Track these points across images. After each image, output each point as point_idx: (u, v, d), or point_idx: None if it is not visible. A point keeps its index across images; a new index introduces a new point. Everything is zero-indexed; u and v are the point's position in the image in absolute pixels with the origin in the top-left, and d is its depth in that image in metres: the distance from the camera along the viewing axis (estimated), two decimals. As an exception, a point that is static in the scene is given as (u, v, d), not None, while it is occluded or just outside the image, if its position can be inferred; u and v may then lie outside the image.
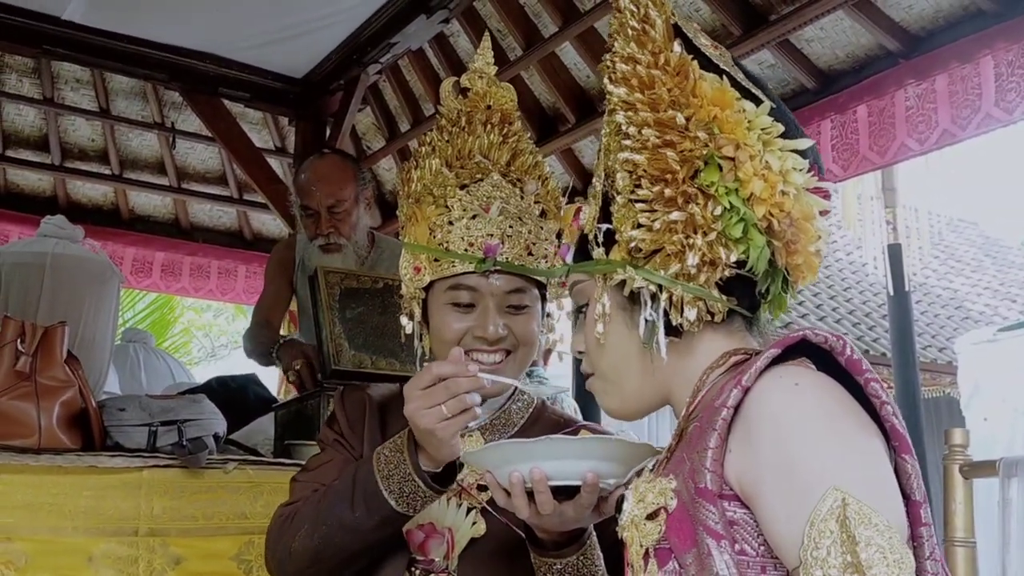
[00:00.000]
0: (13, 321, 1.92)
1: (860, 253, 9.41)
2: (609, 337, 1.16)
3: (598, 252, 1.17)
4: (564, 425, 1.58)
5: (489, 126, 1.59)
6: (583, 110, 4.12)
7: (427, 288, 1.54)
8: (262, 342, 3.02)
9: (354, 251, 2.97)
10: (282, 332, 4.33)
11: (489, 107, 1.62)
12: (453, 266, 1.49)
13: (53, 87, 4.72)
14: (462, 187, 1.53)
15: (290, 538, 1.43)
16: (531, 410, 1.61)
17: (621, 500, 1.15)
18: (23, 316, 2.10)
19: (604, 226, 1.16)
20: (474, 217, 1.51)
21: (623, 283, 1.12)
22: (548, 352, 4.62)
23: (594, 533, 1.36)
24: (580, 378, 4.76)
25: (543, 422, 1.59)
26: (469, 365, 1.32)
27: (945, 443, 1.85)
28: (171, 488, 1.94)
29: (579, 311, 1.24)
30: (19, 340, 1.89)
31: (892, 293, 6.92)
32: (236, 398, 2.79)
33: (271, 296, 3.25)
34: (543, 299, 1.58)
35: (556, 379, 5.36)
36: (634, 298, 1.13)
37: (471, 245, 1.49)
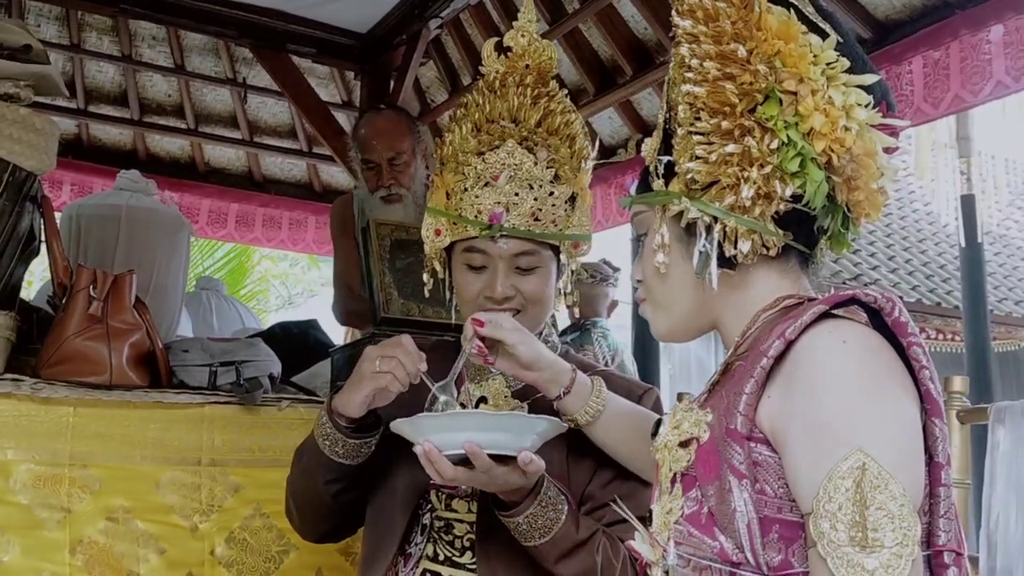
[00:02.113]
0: (86, 270, 2.06)
1: (936, 203, 9.19)
2: (667, 266, 1.17)
3: (658, 183, 1.19)
4: (583, 369, 1.68)
5: (522, 87, 1.65)
6: (640, 62, 4.10)
7: (449, 249, 1.66)
8: (354, 310, 3.15)
9: (413, 201, 3.07)
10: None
11: (527, 66, 1.68)
12: (466, 230, 1.61)
13: (131, 44, 4.86)
14: (479, 154, 1.62)
15: (291, 470, 1.69)
16: None
17: (659, 424, 1.23)
18: (100, 265, 2.25)
19: (664, 158, 1.18)
20: (485, 185, 1.60)
21: (680, 214, 1.14)
22: (613, 305, 4.70)
23: (552, 487, 1.46)
24: (639, 327, 4.79)
25: None
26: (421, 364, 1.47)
27: (944, 390, 1.91)
28: (230, 423, 2.08)
29: (639, 240, 1.27)
30: (91, 287, 2.04)
31: (964, 245, 6.80)
32: (297, 343, 2.94)
33: (343, 260, 3.34)
34: (559, 259, 1.67)
35: (620, 329, 5.45)
36: (691, 229, 1.14)
37: (480, 212, 1.59)
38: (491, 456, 1.34)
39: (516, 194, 1.60)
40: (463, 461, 1.35)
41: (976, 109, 5.75)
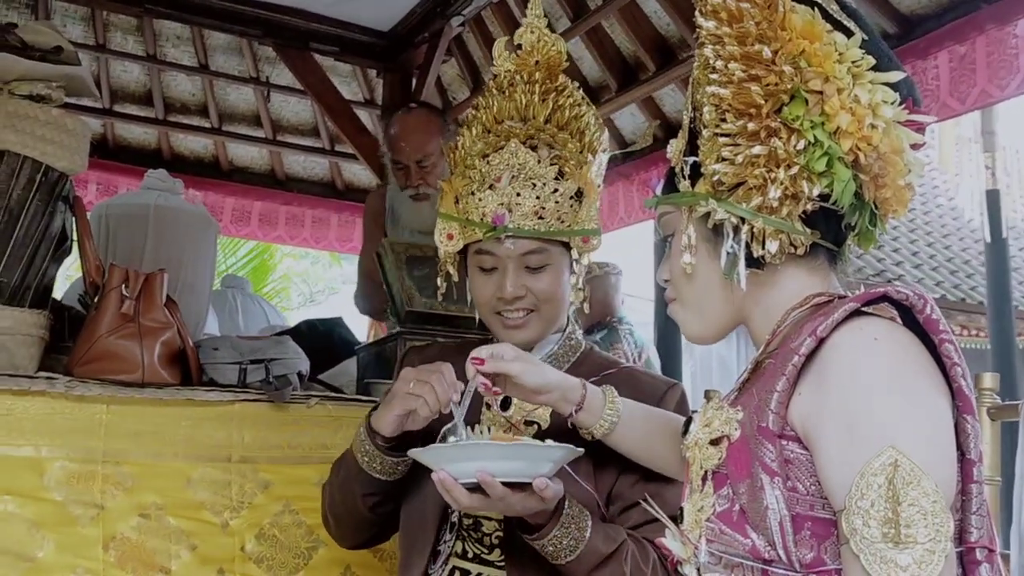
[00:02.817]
0: (118, 268, 2.08)
1: (960, 198, 9.13)
2: (694, 267, 1.18)
3: (684, 184, 1.19)
4: (608, 367, 1.69)
5: (530, 84, 1.66)
6: (663, 58, 4.11)
7: (463, 252, 1.68)
8: (371, 296, 3.17)
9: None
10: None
11: (536, 62, 1.68)
12: (474, 233, 1.62)
13: (156, 44, 4.90)
14: (483, 157, 1.64)
15: (328, 480, 1.73)
16: (579, 354, 1.72)
17: (689, 422, 1.24)
18: (129, 264, 2.26)
19: (690, 159, 1.18)
20: (489, 187, 1.62)
21: (707, 215, 1.15)
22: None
23: (575, 506, 1.47)
24: (662, 325, 4.79)
25: (589, 364, 1.70)
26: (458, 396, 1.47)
27: (975, 387, 1.90)
28: (259, 420, 2.09)
29: (665, 241, 1.28)
30: (123, 285, 2.06)
31: (989, 240, 6.75)
32: (323, 340, 2.96)
33: (370, 249, 3.39)
34: (571, 254, 1.67)
35: (643, 326, 5.45)
36: (717, 230, 1.15)
37: (484, 215, 1.61)
38: (507, 483, 1.35)
39: (518, 194, 1.61)
40: (479, 488, 1.36)
41: (1001, 104, 5.70)
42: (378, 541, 1.83)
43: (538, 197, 1.62)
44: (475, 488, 1.36)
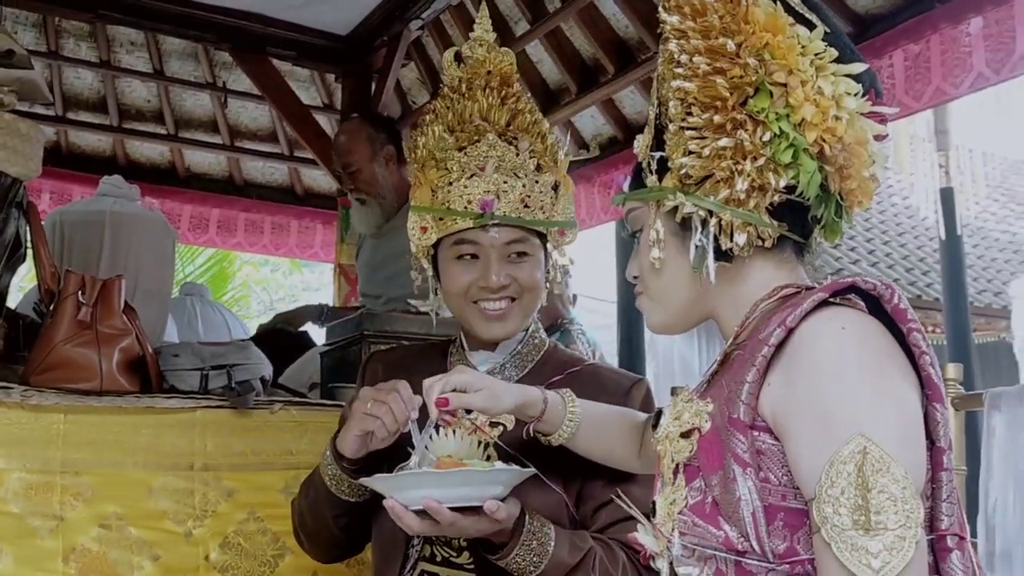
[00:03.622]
0: (74, 275, 2.04)
1: (915, 197, 9.28)
2: (662, 261, 1.18)
3: (651, 179, 1.19)
4: (571, 364, 1.69)
5: (488, 90, 1.67)
6: (622, 61, 4.12)
7: (436, 245, 1.66)
8: None
9: (378, 205, 3.21)
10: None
11: (489, 72, 1.69)
12: (455, 223, 1.60)
13: (109, 50, 4.85)
14: (460, 149, 1.64)
15: (298, 499, 1.71)
16: (542, 352, 1.72)
17: (659, 416, 1.23)
18: (85, 271, 2.24)
19: (657, 154, 1.18)
20: (471, 176, 1.61)
21: (675, 209, 1.14)
22: (573, 299, 4.73)
23: (536, 519, 1.46)
24: (625, 326, 4.79)
25: (553, 363, 1.70)
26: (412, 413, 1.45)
27: (940, 377, 1.94)
28: (222, 427, 2.06)
29: (633, 237, 1.27)
30: (80, 292, 2.02)
31: (943, 237, 6.86)
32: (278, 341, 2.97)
33: None
34: (546, 248, 1.67)
35: (605, 329, 5.45)
36: (686, 224, 1.15)
37: (469, 203, 1.60)
38: (459, 508, 1.34)
39: (505, 181, 1.61)
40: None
41: (953, 103, 5.80)
42: (352, 554, 1.81)
43: (524, 185, 1.62)
44: (427, 513, 1.35)
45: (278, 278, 14.88)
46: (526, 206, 1.62)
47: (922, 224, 10.86)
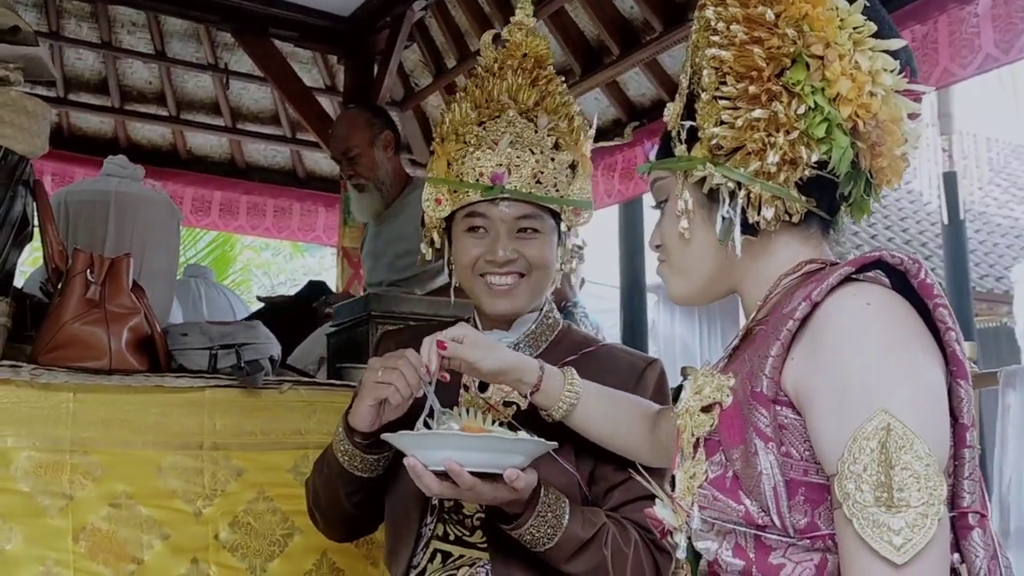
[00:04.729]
0: (83, 253, 2.03)
1: (918, 182, 9.26)
2: (690, 232, 1.17)
3: (680, 149, 1.18)
4: (586, 344, 1.68)
5: (521, 71, 1.68)
6: (627, 42, 4.10)
7: (449, 219, 1.66)
8: None
9: (377, 189, 3.25)
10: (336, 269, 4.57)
11: (525, 55, 1.70)
12: (468, 195, 1.61)
13: (111, 31, 4.83)
14: (480, 124, 1.65)
15: (312, 477, 1.71)
16: (556, 332, 1.71)
17: (679, 390, 1.23)
18: (90, 251, 2.23)
19: (687, 123, 1.17)
20: (487, 148, 1.61)
21: (703, 180, 1.13)
22: (581, 283, 4.73)
23: (551, 493, 1.46)
24: (627, 310, 4.79)
25: (567, 342, 1.69)
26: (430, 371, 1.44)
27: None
28: (231, 406, 2.05)
29: (659, 206, 1.26)
30: (88, 271, 2.01)
31: (946, 222, 6.85)
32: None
33: None
34: (560, 227, 1.67)
35: (609, 313, 5.44)
36: (713, 195, 1.13)
37: (481, 175, 1.60)
38: (478, 473, 1.34)
39: (518, 156, 1.61)
40: (450, 476, 1.35)
41: (957, 86, 5.78)
42: (366, 532, 1.82)
43: (537, 161, 1.62)
44: (446, 476, 1.35)
45: (279, 262, 14.86)
46: (538, 182, 1.61)
47: (924, 209, 10.85)
